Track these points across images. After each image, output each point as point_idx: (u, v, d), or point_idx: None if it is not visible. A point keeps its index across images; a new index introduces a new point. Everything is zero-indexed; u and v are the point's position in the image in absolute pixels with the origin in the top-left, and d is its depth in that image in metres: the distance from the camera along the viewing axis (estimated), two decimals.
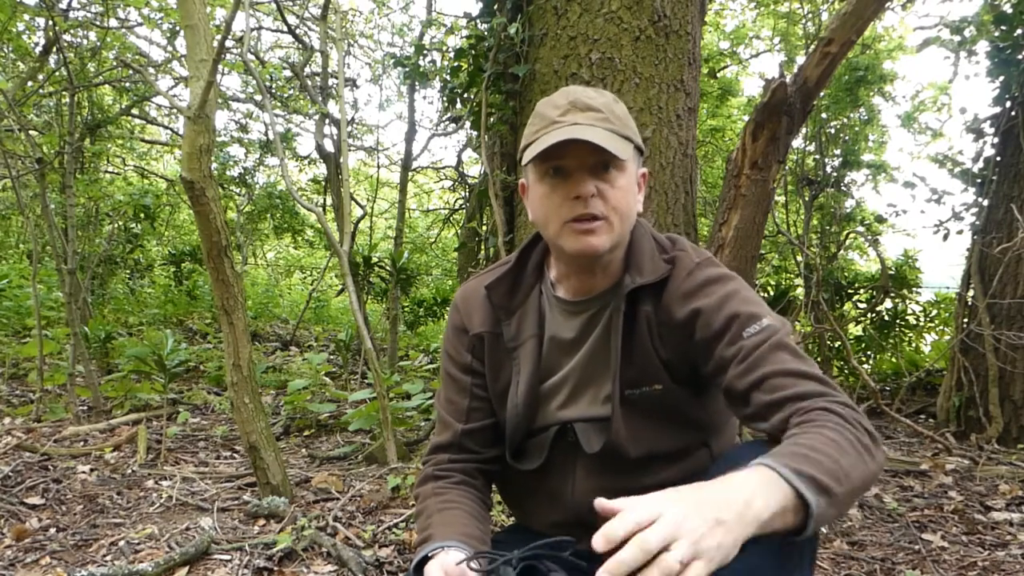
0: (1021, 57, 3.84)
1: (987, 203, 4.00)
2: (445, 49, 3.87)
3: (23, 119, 4.17)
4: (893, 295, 5.50)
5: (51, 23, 4.48)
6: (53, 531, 2.28)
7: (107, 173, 9.11)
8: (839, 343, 5.24)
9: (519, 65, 2.72)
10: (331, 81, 6.35)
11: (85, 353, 3.97)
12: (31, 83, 5.46)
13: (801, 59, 3.44)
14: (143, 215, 8.04)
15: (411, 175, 7.53)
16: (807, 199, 5.88)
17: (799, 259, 5.56)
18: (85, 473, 2.86)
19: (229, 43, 3.94)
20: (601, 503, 0.75)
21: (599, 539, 0.70)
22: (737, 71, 8.89)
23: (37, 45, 5.52)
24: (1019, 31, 3.85)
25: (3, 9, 4.11)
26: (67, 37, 5.40)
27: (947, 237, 4.37)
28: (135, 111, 7.96)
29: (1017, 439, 3.62)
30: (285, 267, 14.77)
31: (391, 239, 9.71)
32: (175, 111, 7.50)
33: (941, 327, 5.70)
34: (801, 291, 5.50)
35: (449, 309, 1.30)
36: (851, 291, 5.77)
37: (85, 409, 3.93)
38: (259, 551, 2.09)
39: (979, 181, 4.13)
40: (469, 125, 3.21)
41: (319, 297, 9.37)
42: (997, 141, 4.03)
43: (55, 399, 4.01)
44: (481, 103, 2.87)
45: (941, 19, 6.69)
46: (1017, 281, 3.70)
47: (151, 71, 6.78)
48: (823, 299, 4.78)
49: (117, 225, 7.63)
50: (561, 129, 1.04)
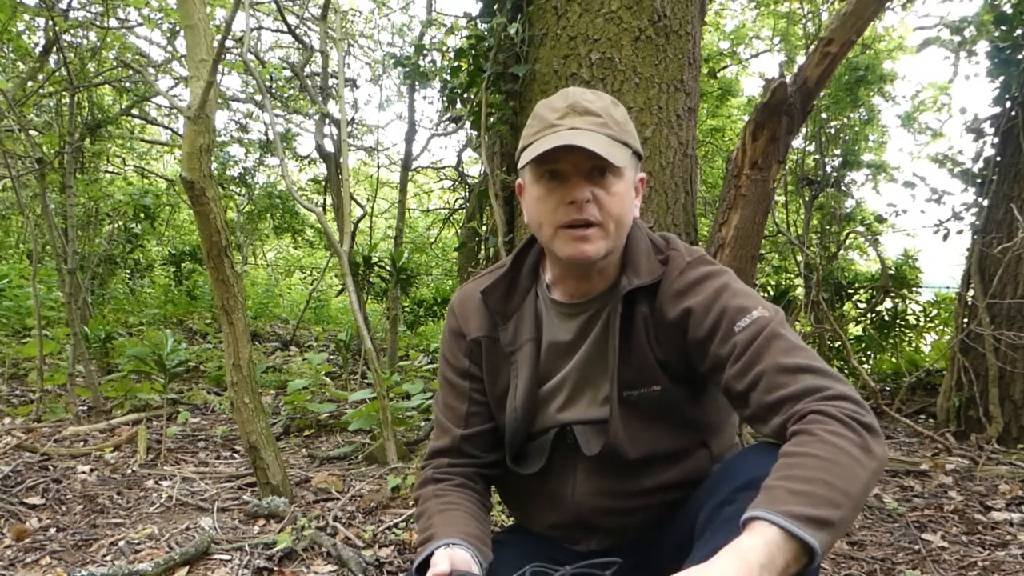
0: (1021, 57, 3.84)
1: (987, 203, 4.00)
2: (445, 49, 3.87)
3: (23, 119, 4.17)
4: (893, 295, 5.50)
5: (51, 23, 4.48)
6: (53, 531, 2.28)
7: (107, 173, 9.12)
8: (839, 343, 5.24)
9: (519, 65, 2.72)
10: (331, 81, 6.35)
11: (85, 353, 3.97)
12: (31, 83, 5.46)
13: (801, 59, 3.44)
14: (143, 215, 8.04)
15: (411, 175, 7.53)
16: (807, 199, 5.88)
17: (799, 259, 5.56)
18: (85, 473, 2.86)
19: (229, 43, 3.94)
20: None
21: None
22: (737, 71, 8.89)
23: (37, 45, 5.52)
24: (1019, 31, 3.85)
25: (3, 9, 4.11)
26: (67, 37, 5.40)
27: (947, 237, 4.37)
28: (135, 111, 7.96)
29: (1017, 439, 3.62)
30: (285, 267, 14.77)
31: (391, 239, 9.71)
32: (175, 111, 7.51)
33: (941, 327, 5.71)
34: (801, 291, 5.50)
35: (446, 313, 1.30)
36: (851, 291, 5.78)
37: (85, 409, 3.93)
38: (259, 551, 2.09)
39: (979, 181, 4.13)
40: (469, 125, 3.20)
41: (319, 297, 9.37)
42: (997, 141, 4.03)
43: (55, 399, 4.01)
44: (481, 103, 2.87)
45: (941, 19, 6.70)
46: (1017, 281, 3.70)
47: (151, 71, 6.79)
48: (823, 299, 4.79)
49: (117, 225, 7.63)
50: (558, 133, 1.04)
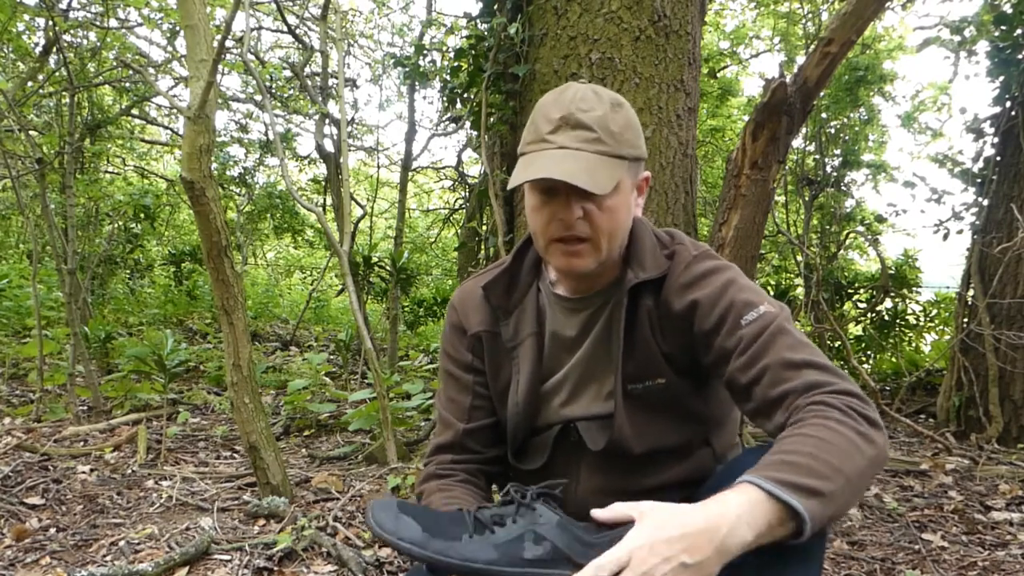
0: (1021, 57, 3.84)
1: (987, 203, 4.00)
2: (445, 49, 3.87)
3: (23, 119, 4.17)
4: (893, 295, 5.50)
5: (51, 23, 4.48)
6: (53, 531, 2.28)
7: (107, 173, 9.12)
8: (839, 343, 5.24)
9: (519, 65, 2.72)
10: (331, 81, 6.35)
11: (85, 353, 3.97)
12: (31, 83, 5.46)
13: (801, 59, 3.44)
14: (143, 215, 8.04)
15: (411, 175, 7.53)
16: (807, 199, 5.89)
17: (799, 259, 5.56)
18: (85, 473, 2.86)
19: (229, 43, 3.94)
20: (596, 513, 0.84)
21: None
22: (737, 71, 8.90)
23: (37, 45, 5.52)
24: (1019, 31, 3.85)
25: (3, 9, 4.11)
26: (67, 37, 5.40)
27: (947, 237, 4.37)
28: (135, 111, 7.96)
29: (1017, 439, 3.62)
30: (285, 267, 14.77)
31: (391, 239, 9.71)
32: (175, 111, 7.50)
33: (941, 327, 5.71)
34: (801, 291, 5.50)
35: (447, 309, 1.30)
36: (851, 291, 5.78)
37: (85, 409, 3.93)
38: (259, 551, 2.09)
39: (979, 181, 4.13)
40: (469, 125, 3.20)
41: (319, 297, 9.37)
42: (997, 141, 4.03)
43: (55, 399, 4.01)
44: (481, 103, 2.87)
45: (941, 19, 6.70)
46: (1017, 281, 3.70)
47: (151, 71, 6.79)
48: (823, 299, 4.79)
49: (117, 225, 7.63)
50: (548, 152, 1.02)
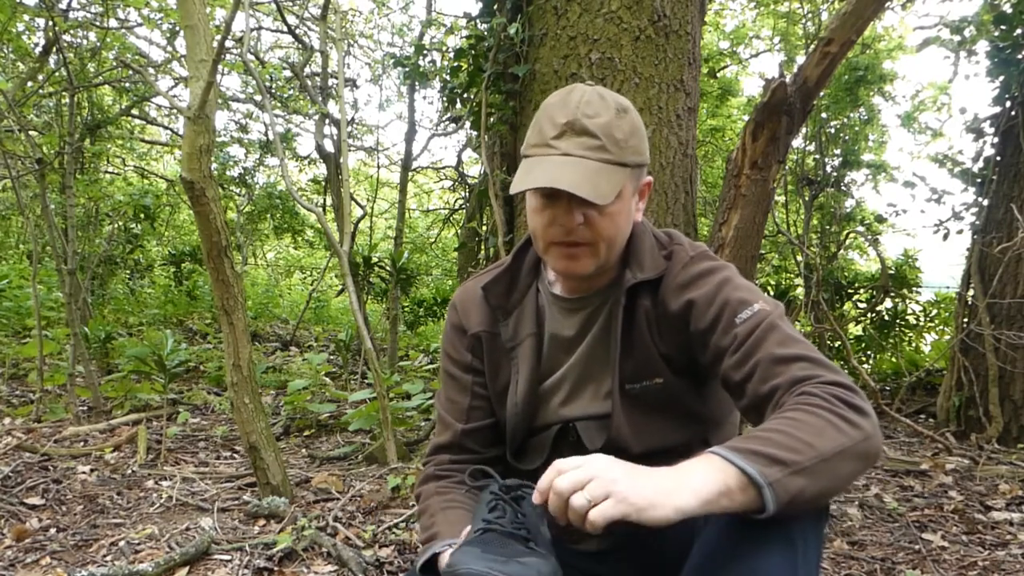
0: (1021, 57, 3.84)
1: (987, 203, 4.00)
2: (445, 49, 3.87)
3: (23, 119, 4.17)
4: (893, 295, 5.50)
5: (51, 23, 4.48)
6: (53, 531, 2.28)
7: (107, 173, 9.11)
8: (839, 343, 5.24)
9: (519, 65, 2.72)
10: (331, 81, 6.35)
11: (85, 353, 3.97)
12: (31, 83, 5.46)
13: (801, 59, 3.44)
14: (143, 215, 8.04)
15: (411, 175, 7.53)
16: (807, 199, 5.89)
17: (799, 259, 5.56)
18: (85, 473, 2.86)
19: (229, 43, 3.94)
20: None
21: (536, 494, 0.83)
22: (737, 71, 8.89)
23: (37, 45, 5.52)
24: (1019, 31, 3.85)
25: (3, 9, 4.11)
26: (67, 37, 5.40)
27: (947, 237, 4.37)
28: (135, 111, 7.96)
29: (1017, 439, 3.62)
30: (285, 267, 14.77)
31: (391, 239, 9.71)
32: (175, 111, 7.50)
33: (941, 327, 5.71)
34: (801, 291, 5.50)
35: (447, 309, 1.30)
36: (851, 291, 5.78)
37: (85, 409, 3.93)
38: (259, 551, 2.09)
39: (979, 181, 4.13)
40: (469, 125, 3.20)
41: (319, 297, 9.37)
42: (997, 141, 4.03)
43: (55, 399, 4.01)
44: (481, 103, 2.86)
45: (941, 19, 6.70)
46: (1017, 281, 3.70)
47: (151, 71, 6.79)
48: (823, 299, 4.79)
49: (117, 225, 7.63)
50: (551, 158, 1.02)
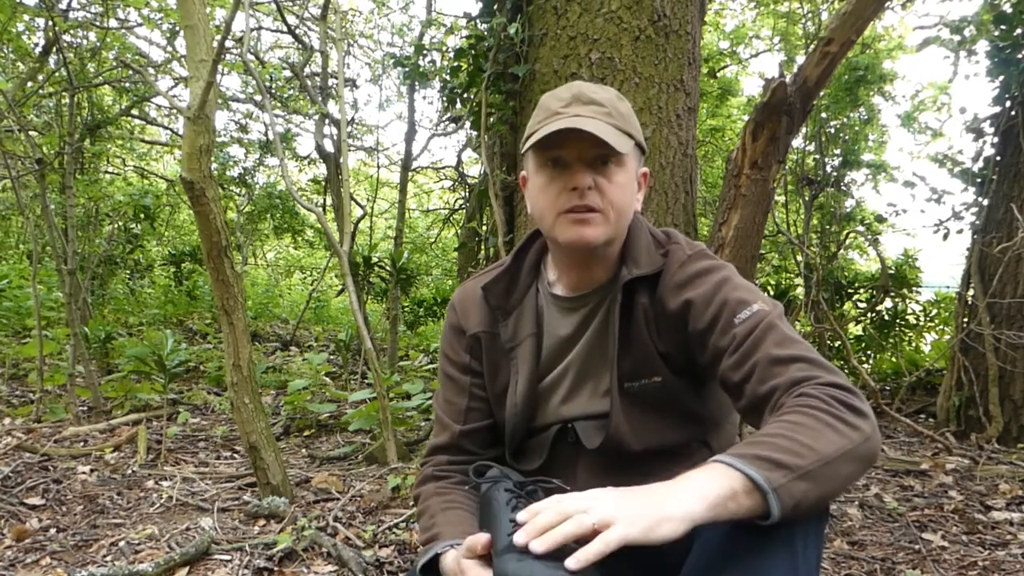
0: (1021, 56, 3.84)
1: (987, 203, 4.00)
2: (445, 49, 3.87)
3: (23, 119, 4.17)
4: (893, 295, 5.50)
5: (51, 23, 4.48)
6: (53, 531, 2.28)
7: (107, 173, 9.12)
8: (839, 343, 5.24)
9: (519, 65, 2.72)
10: (331, 81, 6.35)
11: (85, 353, 3.97)
12: (31, 83, 5.46)
13: (801, 59, 3.44)
14: (143, 215, 8.04)
15: (411, 175, 7.53)
16: (807, 199, 5.88)
17: (799, 259, 5.56)
18: (85, 473, 2.86)
19: (229, 43, 3.94)
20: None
21: (523, 514, 0.78)
22: (737, 71, 8.89)
23: (37, 45, 5.52)
24: (1019, 31, 3.85)
25: (3, 9, 4.11)
26: (67, 37, 5.40)
27: (947, 237, 4.37)
28: (135, 111, 7.95)
29: (1017, 438, 3.62)
30: (285, 267, 14.77)
31: (391, 239, 9.71)
32: (175, 111, 7.50)
33: (941, 327, 5.71)
34: (801, 291, 5.50)
35: (447, 310, 1.30)
36: (851, 291, 5.78)
37: (85, 409, 3.93)
38: (259, 551, 2.09)
39: (979, 181, 4.13)
40: (469, 125, 3.20)
41: (319, 297, 9.37)
42: (997, 141, 4.03)
43: (55, 399, 4.01)
44: (481, 103, 2.86)
45: (941, 19, 6.70)
46: (1017, 281, 3.70)
47: (151, 71, 6.79)
48: (823, 299, 4.79)
49: (117, 225, 7.63)
50: (562, 119, 1.04)
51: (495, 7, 2.87)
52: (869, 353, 5.84)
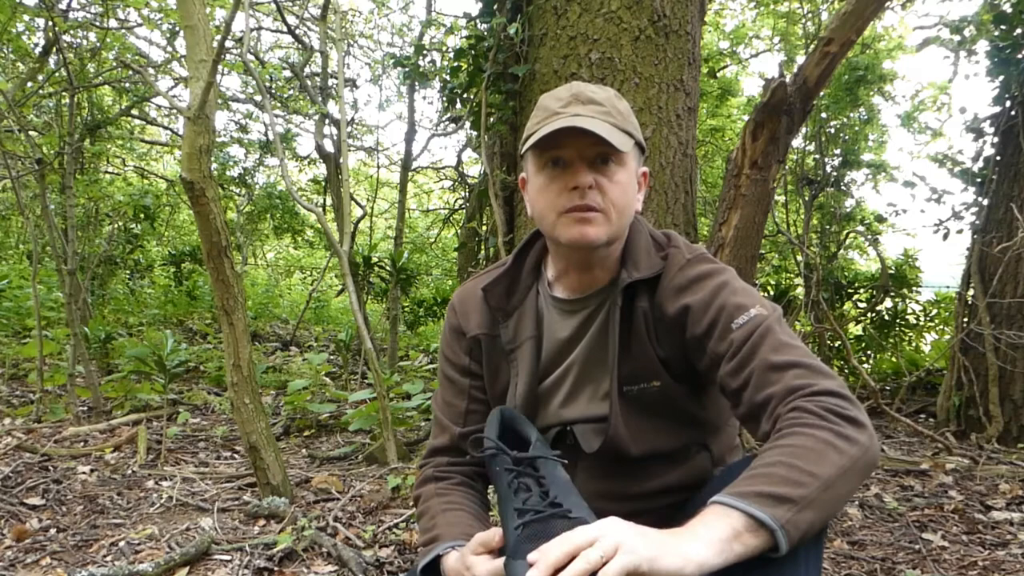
0: (1021, 56, 3.84)
1: (987, 202, 4.00)
2: (445, 49, 3.87)
3: (23, 119, 4.17)
4: (893, 294, 5.50)
5: (51, 23, 4.48)
6: (53, 531, 2.28)
7: (107, 173, 9.11)
8: (839, 343, 5.24)
9: (519, 65, 2.72)
10: (331, 81, 6.35)
11: (85, 353, 3.97)
12: (31, 83, 5.46)
13: (801, 59, 3.44)
14: (143, 215, 8.04)
15: (411, 175, 7.53)
16: (807, 199, 5.88)
17: (799, 259, 5.56)
18: (85, 474, 2.86)
19: (229, 43, 3.94)
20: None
21: (534, 554, 0.77)
22: (737, 71, 8.88)
23: (37, 46, 5.52)
24: (1019, 31, 3.85)
25: (3, 9, 4.11)
26: (67, 38, 5.40)
27: (947, 236, 4.37)
28: (135, 112, 7.95)
29: (1017, 438, 3.62)
30: (285, 267, 14.77)
31: (391, 239, 9.71)
32: (175, 111, 7.50)
33: (941, 326, 5.70)
34: (801, 291, 5.49)
35: (446, 311, 1.29)
36: (851, 291, 5.77)
37: (85, 409, 3.93)
38: (259, 551, 2.09)
39: (979, 180, 4.13)
40: (469, 125, 3.20)
41: (319, 297, 9.38)
42: (997, 140, 4.03)
43: (55, 399, 4.01)
44: (481, 103, 2.87)
45: (941, 19, 6.70)
46: (1017, 280, 3.70)
47: (151, 72, 6.78)
48: (823, 299, 4.79)
49: (117, 225, 7.63)
50: (562, 119, 1.04)
51: (495, 7, 2.87)
52: (869, 353, 5.84)
